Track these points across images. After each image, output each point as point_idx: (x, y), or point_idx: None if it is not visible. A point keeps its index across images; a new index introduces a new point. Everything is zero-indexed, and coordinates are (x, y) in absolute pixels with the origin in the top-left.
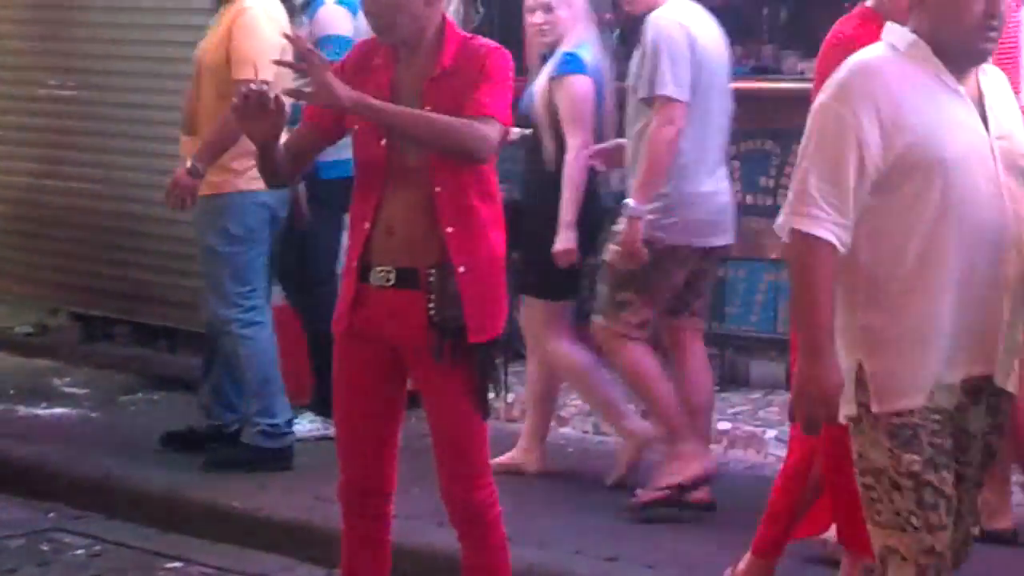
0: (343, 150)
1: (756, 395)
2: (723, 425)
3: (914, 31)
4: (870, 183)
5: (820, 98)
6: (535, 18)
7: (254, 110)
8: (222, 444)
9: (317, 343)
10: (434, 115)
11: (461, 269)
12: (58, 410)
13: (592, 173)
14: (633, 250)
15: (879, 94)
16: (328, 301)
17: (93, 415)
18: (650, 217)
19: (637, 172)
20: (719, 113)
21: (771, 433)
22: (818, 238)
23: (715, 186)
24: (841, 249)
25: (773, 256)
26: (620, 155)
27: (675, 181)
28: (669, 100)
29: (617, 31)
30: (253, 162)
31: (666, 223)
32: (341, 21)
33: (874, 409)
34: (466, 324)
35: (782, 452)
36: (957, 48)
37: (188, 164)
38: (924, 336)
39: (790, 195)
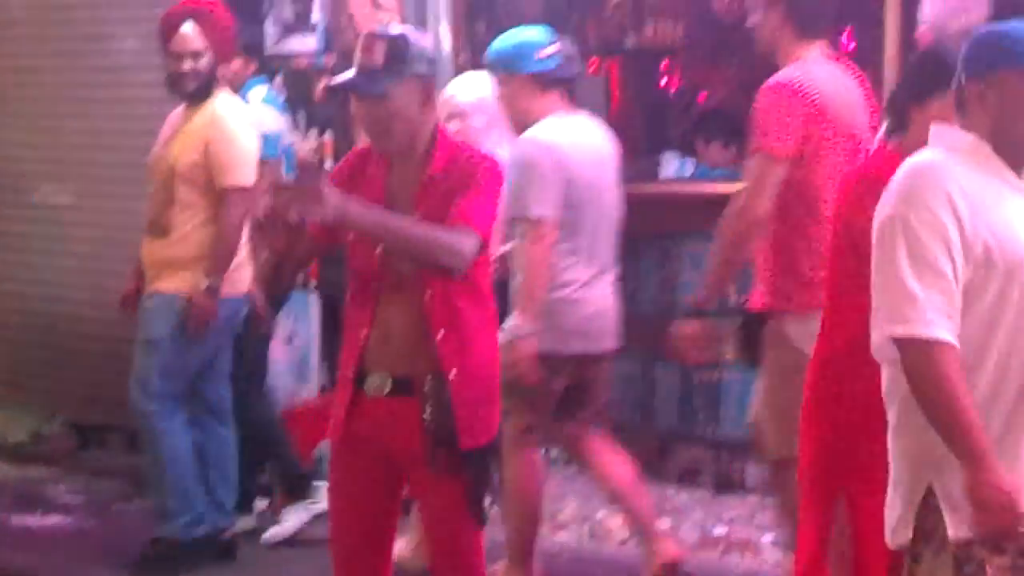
0: None
1: (752, 499)
2: (719, 530)
3: (970, 131)
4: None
5: (887, 211)
6: (452, 126)
7: (279, 226)
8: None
9: (246, 439)
10: (412, 228)
11: (452, 373)
12: (52, 519)
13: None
14: (521, 369)
15: (953, 194)
16: (257, 399)
17: (88, 524)
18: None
19: (518, 293)
20: (595, 224)
21: (767, 538)
22: (940, 341)
23: (584, 294)
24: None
25: None
26: None
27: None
28: (530, 220)
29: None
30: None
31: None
32: (272, 120)
33: (949, 535)
34: (458, 430)
35: (779, 557)
36: (1020, 146)
37: (204, 284)
38: (1003, 451)
39: (883, 311)
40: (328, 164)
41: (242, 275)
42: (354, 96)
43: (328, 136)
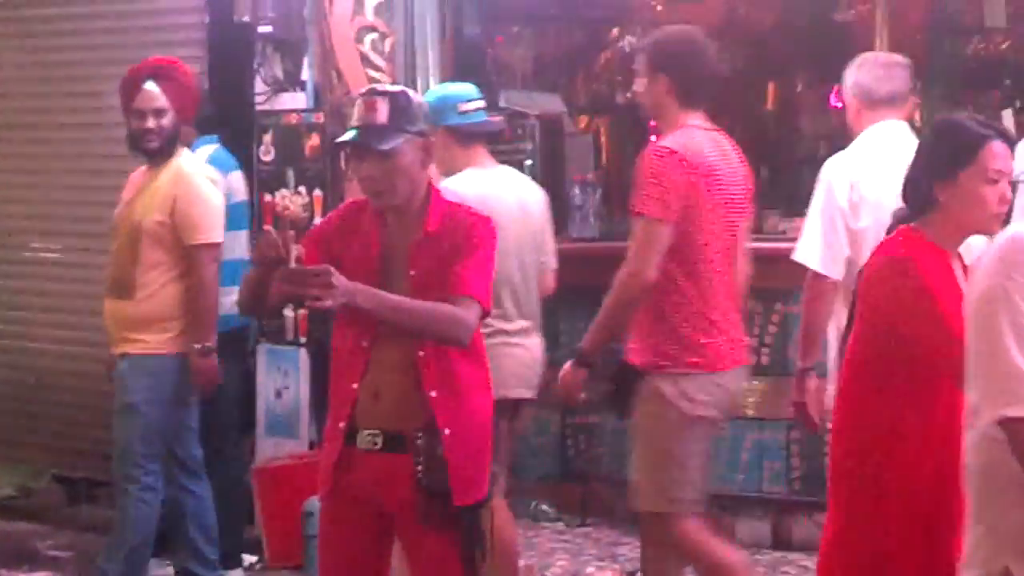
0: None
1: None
2: None
3: None
4: None
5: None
6: None
7: (275, 261)
8: None
9: (223, 493)
10: (418, 308)
11: (446, 432)
12: (41, 574)
13: None
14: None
15: None
16: (234, 452)
17: None
18: None
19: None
20: (523, 274)
21: None
22: None
23: (522, 341)
24: None
25: (757, 415)
26: None
27: None
28: None
29: (599, 190)
30: (182, 322)
31: None
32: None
33: None
34: (452, 487)
35: None
36: None
37: (199, 347)
38: None
39: (990, 390)
40: (318, 221)
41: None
42: (355, 153)
43: (318, 192)
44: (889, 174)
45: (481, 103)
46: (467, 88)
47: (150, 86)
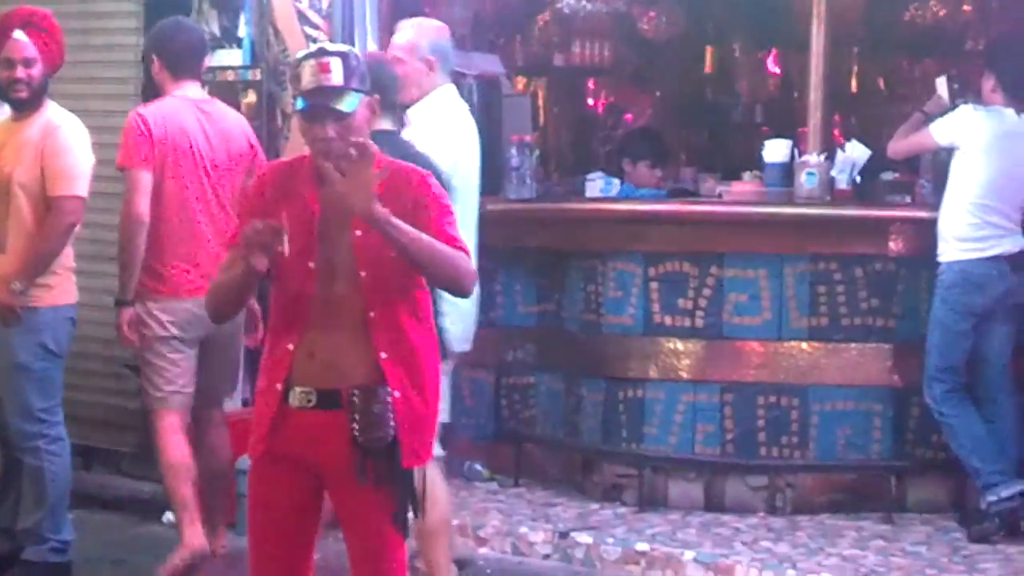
0: None
1: (674, 516)
2: (641, 546)
3: None
4: None
5: None
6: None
7: (265, 246)
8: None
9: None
10: (440, 249)
11: (396, 394)
12: None
13: None
14: None
15: None
16: None
17: None
18: None
19: None
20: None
21: (689, 555)
22: None
23: None
24: None
25: (690, 377)
26: None
27: None
28: None
29: (537, 151)
30: (61, 276)
31: None
32: None
33: None
34: (401, 449)
35: (700, 574)
36: None
37: (13, 284)
38: None
39: None
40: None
41: (72, 285)
42: (310, 114)
43: None
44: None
45: None
46: None
47: (19, 35)
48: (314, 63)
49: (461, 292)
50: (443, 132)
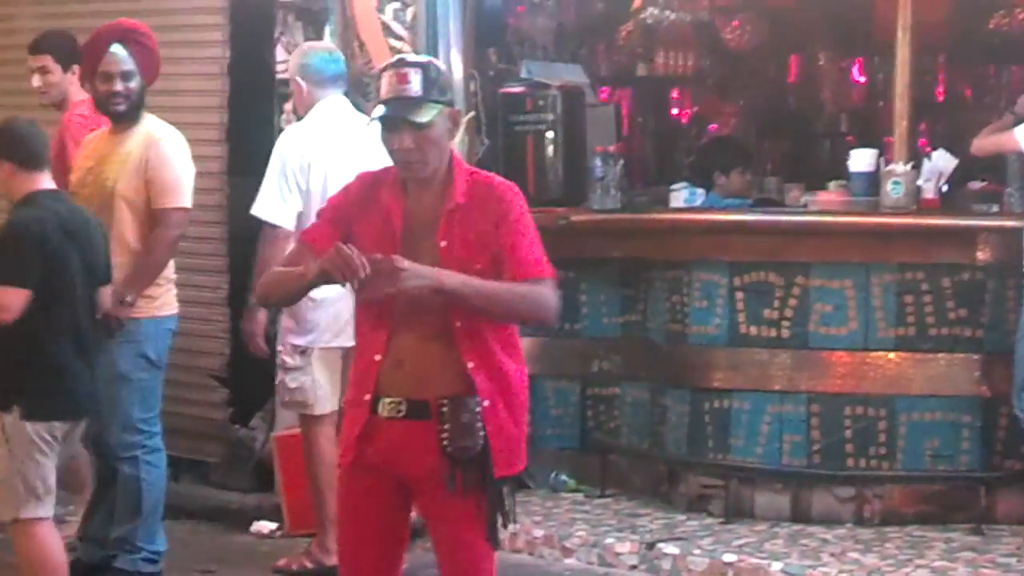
0: None
1: (761, 527)
2: (728, 557)
3: None
4: None
5: None
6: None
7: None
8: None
9: None
10: (504, 292)
11: (486, 403)
12: None
13: None
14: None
15: None
16: None
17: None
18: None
19: None
20: None
21: (776, 566)
22: None
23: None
24: None
25: (777, 387)
26: None
27: None
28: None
29: (620, 161)
30: (163, 288)
31: None
32: None
33: None
34: (492, 459)
35: None
36: None
37: (122, 296)
38: None
39: None
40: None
41: (172, 297)
42: (389, 125)
43: None
44: (334, 144)
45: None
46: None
47: (117, 49)
48: (393, 73)
49: (544, 325)
50: (309, 140)
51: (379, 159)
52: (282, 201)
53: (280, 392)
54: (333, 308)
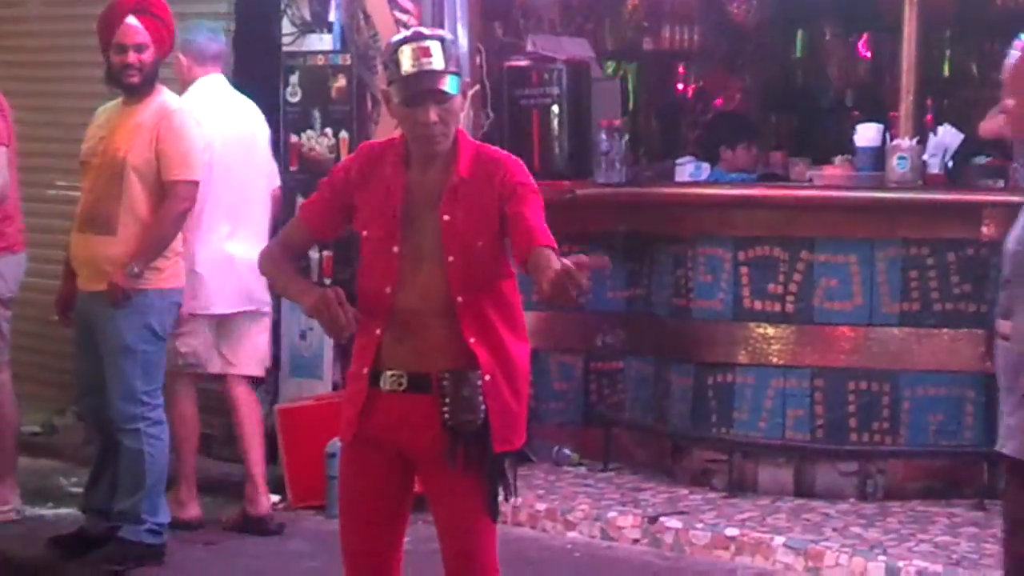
0: None
1: (764, 501)
2: (731, 531)
3: None
4: None
5: None
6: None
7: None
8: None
9: None
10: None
11: (487, 378)
12: (63, 511)
13: None
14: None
15: None
16: None
17: None
18: None
19: None
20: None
21: (779, 540)
22: None
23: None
24: None
25: (781, 362)
26: None
27: None
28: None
29: (626, 136)
30: (170, 260)
31: None
32: None
33: None
34: (492, 434)
35: (790, 559)
36: None
37: (129, 268)
38: None
39: None
40: None
41: (180, 269)
42: (415, 99)
43: (344, 135)
44: (210, 121)
45: None
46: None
47: (132, 21)
48: (415, 47)
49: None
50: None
51: (254, 138)
52: None
53: (169, 356)
54: (209, 277)
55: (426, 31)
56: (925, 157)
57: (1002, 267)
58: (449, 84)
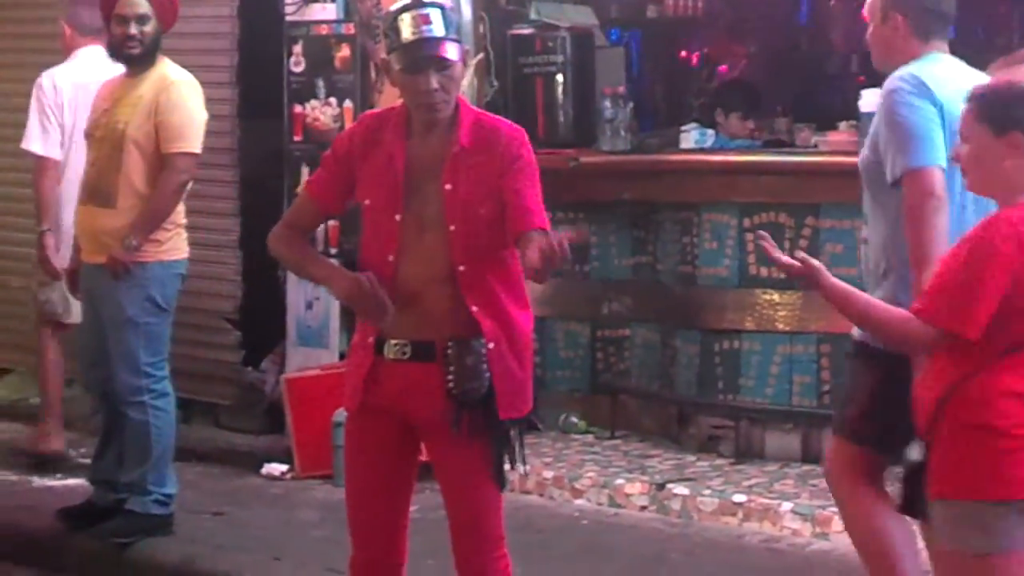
0: None
1: (771, 467)
2: (738, 497)
3: None
4: None
5: None
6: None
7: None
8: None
9: None
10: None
11: (491, 346)
12: (71, 481)
13: None
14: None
15: None
16: None
17: None
18: None
19: None
20: None
21: (787, 506)
22: None
23: None
24: None
25: (787, 328)
26: None
27: None
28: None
29: (630, 103)
30: (171, 232)
31: None
32: None
33: None
34: (495, 401)
35: (797, 525)
36: None
37: (127, 240)
38: None
39: None
40: None
41: (182, 241)
42: (416, 66)
43: (348, 104)
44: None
45: None
46: None
47: None
48: (415, 14)
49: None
50: (66, 82)
51: None
52: (45, 133)
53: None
54: (69, 234)
55: None
56: None
57: None
58: (450, 51)
